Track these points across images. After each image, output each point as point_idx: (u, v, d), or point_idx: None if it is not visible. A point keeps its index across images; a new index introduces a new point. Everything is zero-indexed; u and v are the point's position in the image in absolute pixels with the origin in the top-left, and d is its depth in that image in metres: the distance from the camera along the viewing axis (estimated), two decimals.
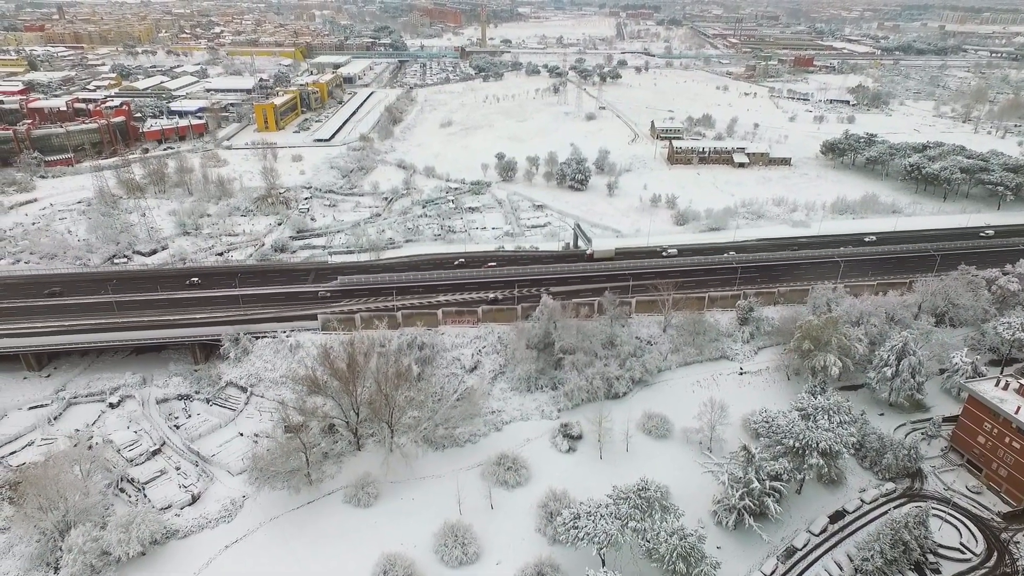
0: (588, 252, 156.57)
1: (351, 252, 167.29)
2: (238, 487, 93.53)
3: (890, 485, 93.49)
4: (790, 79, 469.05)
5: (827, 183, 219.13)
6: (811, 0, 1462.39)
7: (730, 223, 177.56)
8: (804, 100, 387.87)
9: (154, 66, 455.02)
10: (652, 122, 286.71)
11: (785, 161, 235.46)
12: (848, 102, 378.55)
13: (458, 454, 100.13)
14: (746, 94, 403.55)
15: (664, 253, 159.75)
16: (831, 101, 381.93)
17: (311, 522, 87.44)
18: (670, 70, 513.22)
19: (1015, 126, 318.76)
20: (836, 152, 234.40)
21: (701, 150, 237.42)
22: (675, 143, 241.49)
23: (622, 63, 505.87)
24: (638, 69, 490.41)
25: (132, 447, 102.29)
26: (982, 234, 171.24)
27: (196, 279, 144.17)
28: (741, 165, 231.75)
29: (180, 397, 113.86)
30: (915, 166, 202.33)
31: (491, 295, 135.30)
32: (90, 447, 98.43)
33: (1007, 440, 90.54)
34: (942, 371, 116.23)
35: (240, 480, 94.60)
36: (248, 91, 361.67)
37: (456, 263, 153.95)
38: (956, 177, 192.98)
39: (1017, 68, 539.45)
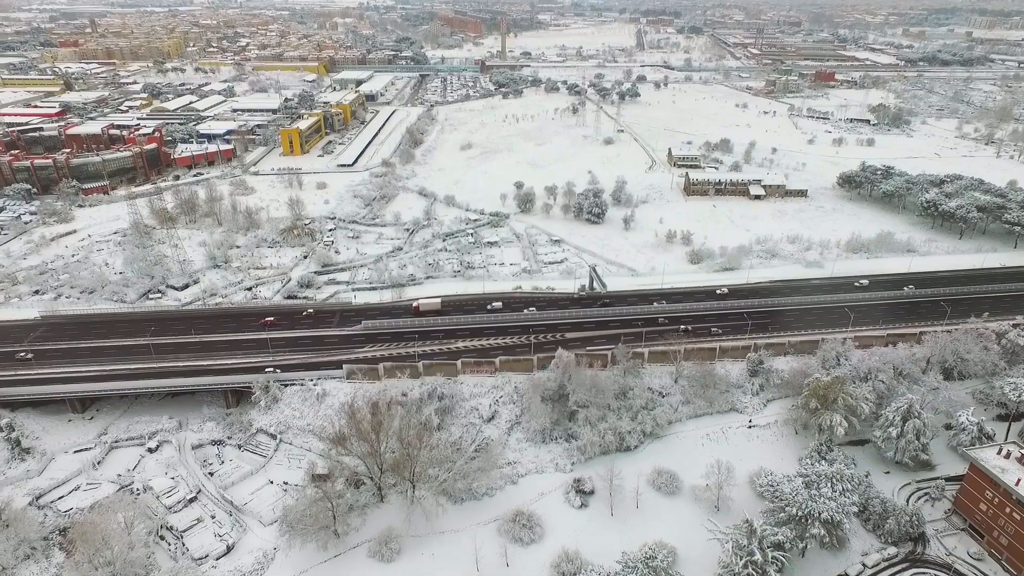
0: (414, 304, 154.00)
1: (374, 288, 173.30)
2: (270, 538, 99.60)
3: (892, 549, 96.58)
4: (811, 95, 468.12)
5: (843, 216, 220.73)
6: (835, 3, 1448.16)
7: (744, 262, 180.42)
8: (824, 119, 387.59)
9: (183, 84, 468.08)
10: (669, 149, 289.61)
11: (801, 193, 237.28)
12: (869, 121, 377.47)
13: (476, 508, 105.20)
14: (765, 112, 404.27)
15: (488, 307, 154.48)
16: (851, 120, 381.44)
17: None
18: (689, 85, 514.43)
19: None
20: (853, 184, 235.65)
21: (717, 182, 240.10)
22: (692, 175, 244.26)
23: (641, 78, 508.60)
24: (657, 85, 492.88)
25: (170, 494, 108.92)
26: (856, 284, 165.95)
27: None
28: (757, 197, 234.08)
29: (214, 442, 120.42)
30: (932, 203, 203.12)
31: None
32: (135, 497, 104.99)
33: (1008, 510, 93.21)
34: (948, 426, 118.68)
35: (271, 531, 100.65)
36: (274, 111, 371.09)
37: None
38: (972, 216, 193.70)
39: None
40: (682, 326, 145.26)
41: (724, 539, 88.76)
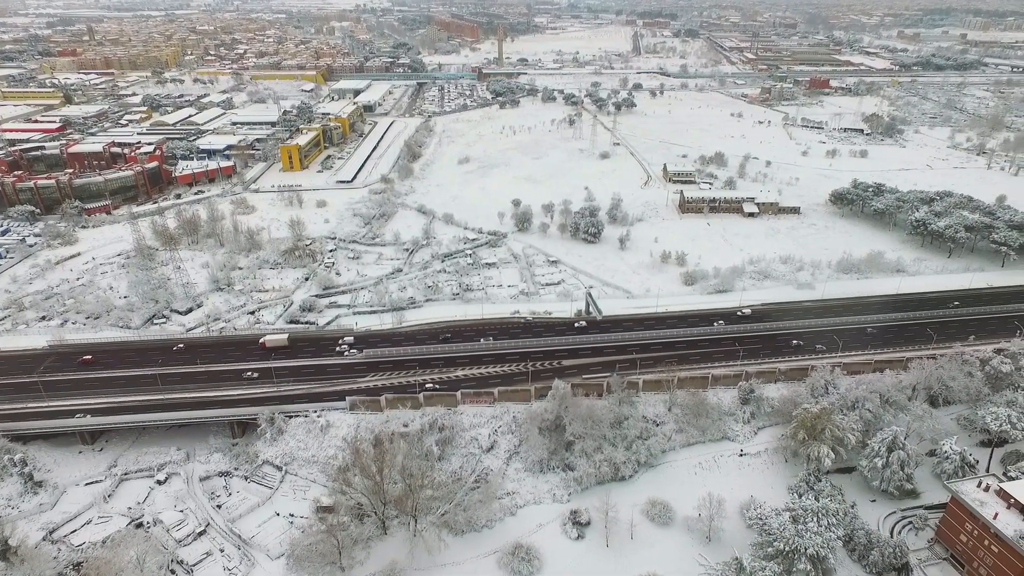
0: (261, 341, 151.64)
1: (374, 312, 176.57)
2: (277, 572, 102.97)
3: None
4: (805, 102, 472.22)
5: (835, 234, 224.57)
6: (831, 3, 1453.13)
7: (737, 284, 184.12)
8: (818, 129, 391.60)
9: (182, 95, 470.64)
10: (664, 165, 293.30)
11: (794, 210, 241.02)
12: (862, 131, 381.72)
13: (476, 540, 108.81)
14: (760, 122, 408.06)
15: (344, 351, 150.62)
16: (845, 130, 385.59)
17: None
18: (685, 92, 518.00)
19: None
20: (845, 201, 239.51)
21: (712, 199, 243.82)
22: (686, 192, 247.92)
23: (637, 86, 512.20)
24: (653, 93, 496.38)
25: (179, 527, 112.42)
26: (739, 312, 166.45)
27: None
28: (751, 215, 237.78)
29: (221, 474, 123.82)
30: (921, 222, 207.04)
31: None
32: (146, 533, 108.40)
33: (986, 542, 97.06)
34: (932, 453, 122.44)
35: (279, 565, 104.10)
36: (273, 124, 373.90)
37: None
38: (961, 236, 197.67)
39: None
40: (795, 341, 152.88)
41: (715, 574, 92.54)
